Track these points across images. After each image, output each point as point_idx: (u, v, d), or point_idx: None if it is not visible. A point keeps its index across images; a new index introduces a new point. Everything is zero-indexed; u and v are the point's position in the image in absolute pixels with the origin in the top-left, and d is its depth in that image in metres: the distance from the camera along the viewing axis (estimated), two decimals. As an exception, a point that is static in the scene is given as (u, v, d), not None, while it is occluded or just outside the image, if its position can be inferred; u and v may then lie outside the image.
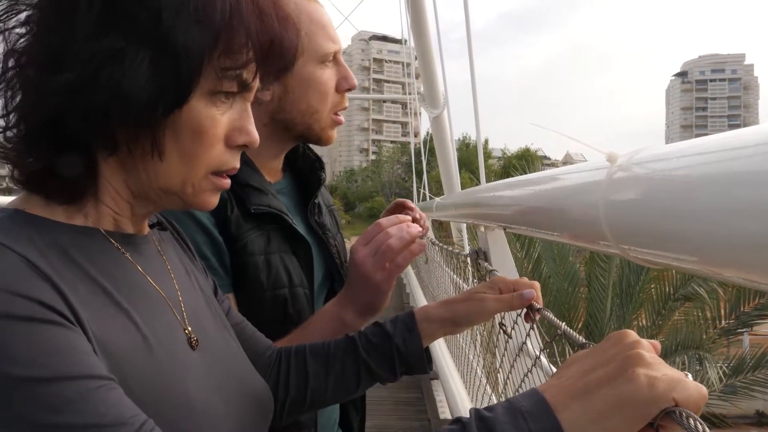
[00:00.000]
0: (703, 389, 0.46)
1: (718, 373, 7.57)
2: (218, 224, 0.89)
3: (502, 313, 0.87)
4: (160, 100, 0.51)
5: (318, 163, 1.11)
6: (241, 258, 0.91)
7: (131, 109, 0.50)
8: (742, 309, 8.35)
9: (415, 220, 1.01)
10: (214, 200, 0.60)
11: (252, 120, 0.60)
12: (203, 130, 0.55)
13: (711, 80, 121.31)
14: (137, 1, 0.50)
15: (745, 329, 8.82)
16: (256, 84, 0.59)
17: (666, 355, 7.46)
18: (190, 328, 0.61)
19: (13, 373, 0.41)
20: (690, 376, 0.47)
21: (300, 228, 1.01)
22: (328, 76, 0.97)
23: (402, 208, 1.12)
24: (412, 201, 1.25)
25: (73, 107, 0.50)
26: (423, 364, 0.80)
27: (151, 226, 0.67)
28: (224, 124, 0.57)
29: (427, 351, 0.82)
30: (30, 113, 0.52)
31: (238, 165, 0.60)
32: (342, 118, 1.03)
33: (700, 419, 0.42)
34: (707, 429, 0.41)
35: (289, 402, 0.79)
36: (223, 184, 0.60)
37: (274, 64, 0.59)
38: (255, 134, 0.59)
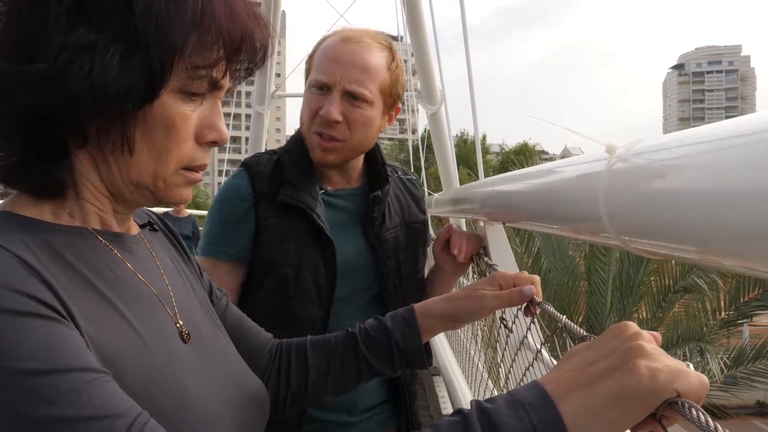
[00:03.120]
0: (705, 379, 0.46)
1: (719, 364, 7.58)
2: (254, 205, 1.10)
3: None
4: (131, 94, 0.51)
5: (385, 182, 1.19)
6: (260, 234, 1.09)
7: (102, 101, 0.51)
8: (741, 300, 8.37)
9: None
10: (187, 194, 0.61)
11: (222, 117, 0.60)
12: (174, 125, 0.55)
13: (708, 72, 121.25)
14: None
15: (744, 320, 8.84)
16: (227, 83, 0.59)
17: (667, 347, 7.46)
18: (181, 322, 0.62)
19: (8, 366, 0.42)
20: (691, 366, 0.47)
21: (360, 238, 1.14)
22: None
23: None
24: None
25: (46, 97, 0.50)
26: (422, 360, 0.81)
27: (142, 227, 0.68)
28: (194, 121, 0.57)
29: (428, 346, 0.82)
30: (3, 106, 0.51)
31: (208, 161, 0.61)
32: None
33: (702, 409, 0.42)
34: (710, 419, 0.41)
35: (290, 395, 0.79)
36: (195, 178, 0.60)
37: (244, 62, 0.59)
38: (225, 132, 0.60)
